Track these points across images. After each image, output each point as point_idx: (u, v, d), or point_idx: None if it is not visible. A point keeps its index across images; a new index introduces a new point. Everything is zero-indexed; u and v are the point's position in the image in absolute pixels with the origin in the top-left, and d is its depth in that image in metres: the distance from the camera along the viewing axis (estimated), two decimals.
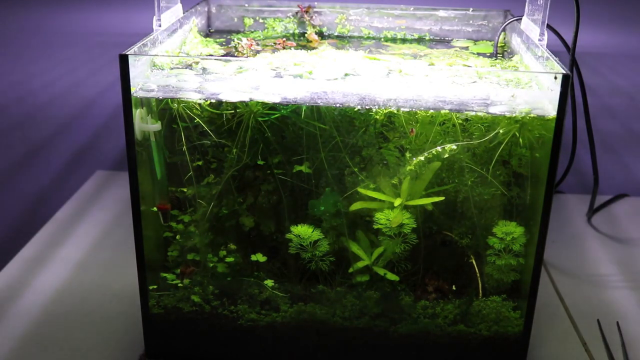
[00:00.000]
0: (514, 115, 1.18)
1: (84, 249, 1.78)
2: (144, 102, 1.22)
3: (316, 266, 1.29)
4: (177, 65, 1.27)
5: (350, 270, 1.31)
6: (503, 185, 1.26)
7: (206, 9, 1.78)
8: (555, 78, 1.13)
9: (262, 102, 1.21)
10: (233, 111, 1.24)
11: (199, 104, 1.23)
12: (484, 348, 1.31)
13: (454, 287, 1.32)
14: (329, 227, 1.29)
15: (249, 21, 1.79)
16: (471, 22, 1.76)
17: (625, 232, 1.96)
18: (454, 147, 1.22)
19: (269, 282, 1.32)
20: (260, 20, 1.79)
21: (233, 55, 1.50)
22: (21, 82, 3.42)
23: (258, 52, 1.54)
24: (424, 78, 1.21)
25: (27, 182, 2.29)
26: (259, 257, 1.31)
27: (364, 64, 1.28)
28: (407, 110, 1.20)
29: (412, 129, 1.22)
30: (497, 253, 1.27)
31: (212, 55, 1.47)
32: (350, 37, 1.78)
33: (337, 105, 1.19)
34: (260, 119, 1.24)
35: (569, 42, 1.41)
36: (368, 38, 1.77)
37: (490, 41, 1.72)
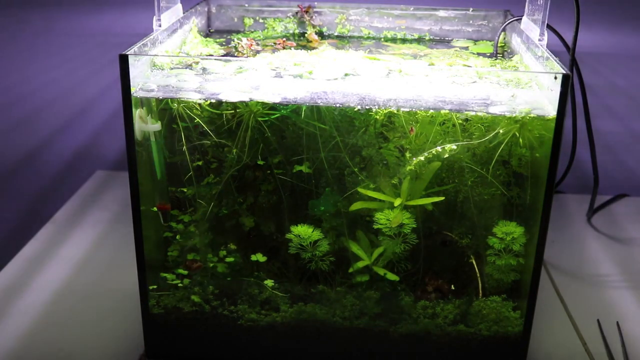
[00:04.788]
0: (514, 115, 1.18)
1: (84, 249, 1.78)
2: (144, 102, 1.22)
3: (316, 266, 1.29)
4: (177, 65, 1.27)
5: (350, 270, 1.31)
6: (503, 185, 1.26)
7: (206, 9, 1.78)
8: (555, 78, 1.13)
9: (262, 102, 1.21)
10: (233, 111, 1.24)
11: (199, 104, 1.23)
12: (484, 348, 1.31)
13: (453, 287, 1.32)
14: (329, 227, 1.29)
15: (249, 21, 1.79)
16: (471, 22, 1.76)
17: (625, 232, 1.96)
18: (454, 147, 1.22)
19: (269, 282, 1.32)
20: (260, 20, 1.79)
21: (233, 55, 1.50)
22: (21, 82, 3.42)
23: (258, 52, 1.54)
24: (424, 78, 1.21)
25: (27, 182, 2.29)
26: (259, 257, 1.31)
27: (364, 64, 1.28)
28: (407, 110, 1.20)
29: (411, 128, 1.22)
30: (497, 253, 1.27)
31: (212, 55, 1.47)
32: (350, 37, 1.78)
33: (337, 105, 1.19)
34: (260, 119, 1.24)
35: (569, 42, 1.41)
36: (368, 38, 1.77)
37: (490, 41, 1.72)
